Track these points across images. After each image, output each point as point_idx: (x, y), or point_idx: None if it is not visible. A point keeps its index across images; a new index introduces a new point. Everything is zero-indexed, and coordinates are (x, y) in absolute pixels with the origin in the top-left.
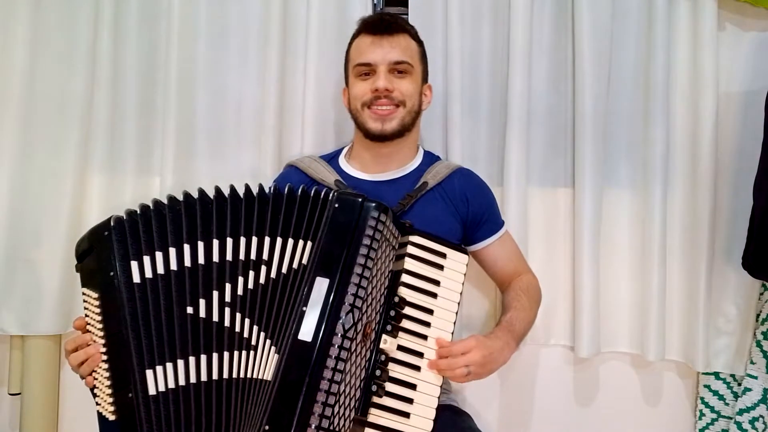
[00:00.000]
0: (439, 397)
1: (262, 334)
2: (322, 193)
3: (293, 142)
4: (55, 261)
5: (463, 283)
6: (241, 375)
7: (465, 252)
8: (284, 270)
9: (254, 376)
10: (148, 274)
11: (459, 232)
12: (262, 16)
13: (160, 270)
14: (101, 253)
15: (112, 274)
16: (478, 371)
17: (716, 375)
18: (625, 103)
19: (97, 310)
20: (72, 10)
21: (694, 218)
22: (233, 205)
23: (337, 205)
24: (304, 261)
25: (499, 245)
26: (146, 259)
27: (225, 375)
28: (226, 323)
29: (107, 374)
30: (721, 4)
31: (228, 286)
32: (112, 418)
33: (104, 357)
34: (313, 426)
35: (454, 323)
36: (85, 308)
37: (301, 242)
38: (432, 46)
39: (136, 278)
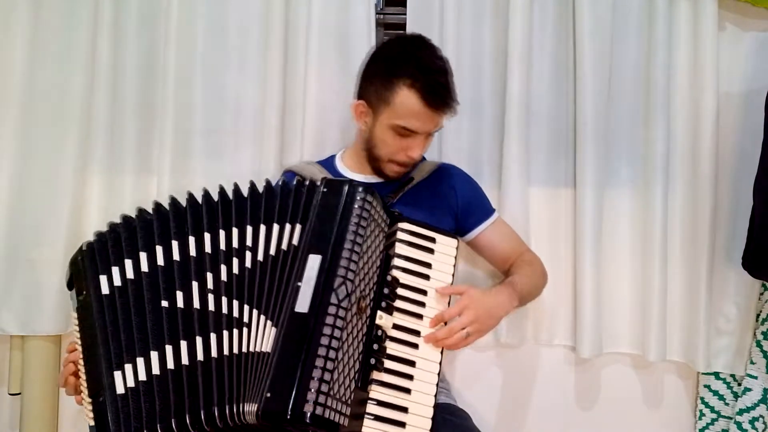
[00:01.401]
0: (439, 374)
1: (255, 312)
2: (308, 181)
3: (294, 142)
4: (55, 261)
5: (454, 266)
6: (235, 351)
7: (454, 236)
8: (272, 252)
9: (252, 350)
10: (117, 282)
11: (451, 223)
12: (262, 15)
13: (130, 275)
14: (78, 278)
15: (84, 293)
16: (478, 329)
17: (716, 375)
18: (626, 103)
19: (77, 329)
20: (71, 11)
21: (694, 218)
22: (208, 204)
23: (325, 190)
24: (295, 242)
25: (493, 230)
26: (115, 270)
27: (214, 354)
28: (211, 308)
29: (86, 384)
30: (721, 4)
31: (210, 275)
32: (91, 423)
33: (83, 369)
34: (313, 390)
35: (448, 304)
36: (74, 330)
37: (288, 226)
38: None
39: (105, 290)
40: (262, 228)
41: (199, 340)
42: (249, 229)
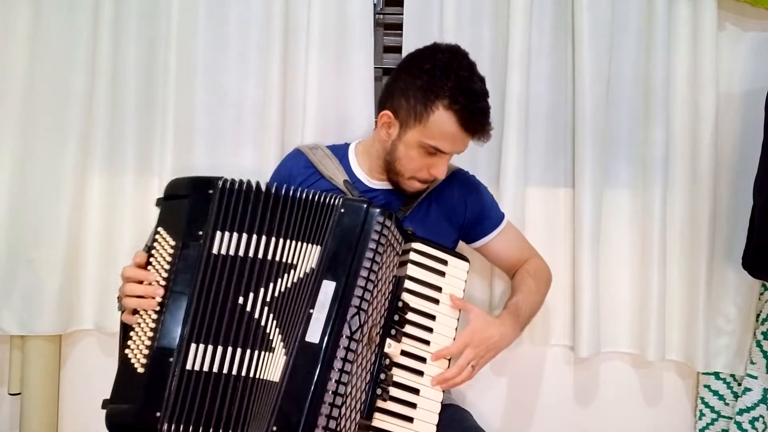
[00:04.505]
0: (442, 402)
1: (279, 336)
2: (329, 198)
3: (295, 141)
4: (55, 261)
5: (464, 290)
6: (251, 374)
7: (466, 259)
8: (301, 274)
9: (264, 377)
10: (223, 250)
11: (454, 235)
12: (262, 15)
13: (232, 251)
14: (197, 207)
15: (200, 233)
16: (482, 362)
17: (716, 375)
18: (625, 104)
19: (169, 259)
20: (72, 10)
21: (693, 218)
22: (282, 205)
23: (342, 210)
24: (313, 265)
25: (501, 238)
26: (226, 236)
27: (251, 373)
28: (262, 322)
29: (153, 326)
30: (721, 4)
31: (271, 286)
32: (140, 370)
33: (157, 308)
34: (320, 426)
35: (456, 329)
36: (154, 247)
37: (312, 246)
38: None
39: (215, 250)
40: (302, 246)
41: (248, 353)
42: (298, 245)
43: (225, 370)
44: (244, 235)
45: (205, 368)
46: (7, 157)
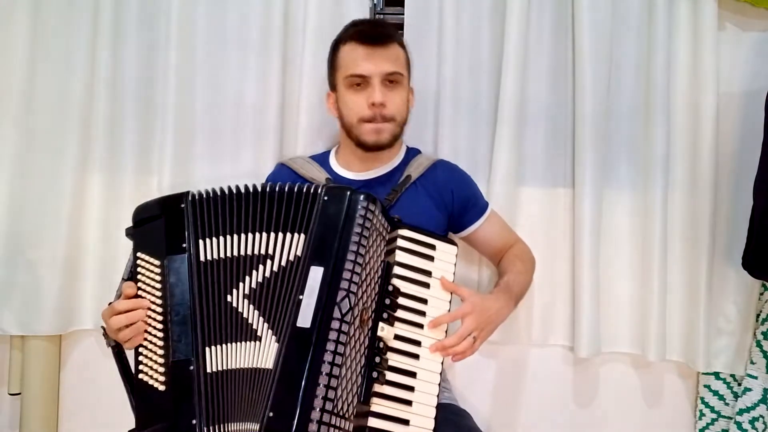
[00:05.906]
0: (440, 384)
1: (266, 325)
2: (312, 188)
3: (293, 141)
4: (55, 261)
5: (454, 273)
6: (244, 365)
7: (453, 243)
8: (283, 263)
9: (256, 365)
10: (209, 256)
11: (443, 222)
12: (261, 15)
13: (215, 255)
14: (173, 224)
15: (184, 246)
16: (482, 335)
17: (716, 375)
18: (625, 103)
19: (158, 278)
20: (71, 11)
21: (694, 218)
22: (259, 200)
23: (326, 198)
24: (299, 253)
25: (487, 226)
26: (208, 242)
27: (231, 365)
28: (244, 314)
29: (161, 344)
30: (721, 4)
31: (247, 279)
32: (161, 388)
33: (159, 326)
34: (317, 409)
35: (448, 311)
36: (140, 273)
37: (296, 235)
38: (428, 47)
39: (203, 257)
40: (280, 236)
41: (239, 346)
42: (272, 236)
43: (234, 365)
44: (230, 237)
45: (222, 367)
46: (7, 157)
